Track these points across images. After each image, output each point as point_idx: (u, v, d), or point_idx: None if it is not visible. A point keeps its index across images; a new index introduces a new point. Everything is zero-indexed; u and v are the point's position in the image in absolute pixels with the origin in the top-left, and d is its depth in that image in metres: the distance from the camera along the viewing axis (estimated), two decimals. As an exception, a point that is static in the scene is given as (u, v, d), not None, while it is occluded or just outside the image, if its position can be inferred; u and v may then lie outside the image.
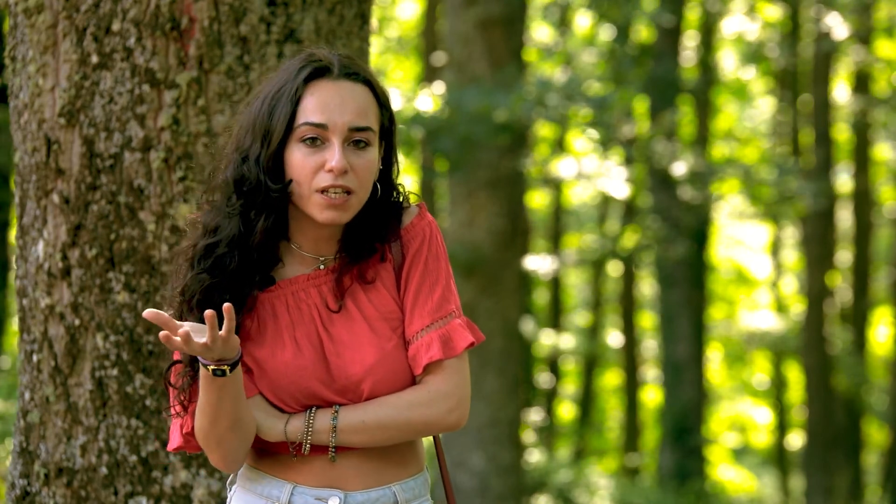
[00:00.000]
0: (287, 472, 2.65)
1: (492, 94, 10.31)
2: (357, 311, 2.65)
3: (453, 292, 2.69)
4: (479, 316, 10.83)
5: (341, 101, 2.61)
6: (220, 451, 2.60)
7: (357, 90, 2.63)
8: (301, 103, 2.60)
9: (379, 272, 2.67)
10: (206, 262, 2.61)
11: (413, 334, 2.64)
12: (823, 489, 17.49)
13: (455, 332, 2.65)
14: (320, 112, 2.59)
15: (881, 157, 21.17)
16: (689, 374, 16.93)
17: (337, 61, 2.64)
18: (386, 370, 2.63)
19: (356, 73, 2.65)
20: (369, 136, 2.62)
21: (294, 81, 2.62)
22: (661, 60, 16.03)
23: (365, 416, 2.60)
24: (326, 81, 2.62)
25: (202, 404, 2.56)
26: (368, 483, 2.65)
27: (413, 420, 2.62)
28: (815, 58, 17.69)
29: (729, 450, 26.11)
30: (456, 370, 2.64)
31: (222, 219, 2.63)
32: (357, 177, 2.59)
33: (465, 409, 2.65)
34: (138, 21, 3.50)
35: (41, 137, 3.57)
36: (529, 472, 14.32)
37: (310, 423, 2.60)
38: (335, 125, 2.59)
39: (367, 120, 2.62)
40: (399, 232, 2.69)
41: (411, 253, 2.67)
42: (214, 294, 2.59)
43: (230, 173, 2.64)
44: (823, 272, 18.12)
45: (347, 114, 2.60)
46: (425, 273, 2.67)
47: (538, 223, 22.09)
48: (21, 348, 3.64)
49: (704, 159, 15.67)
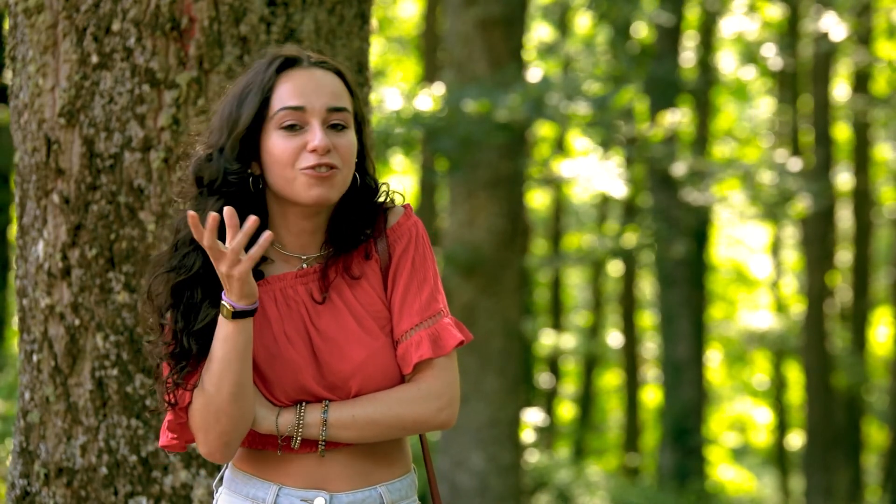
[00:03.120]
0: (272, 473, 2.65)
1: (492, 93, 10.31)
2: (344, 306, 2.65)
3: (441, 292, 2.69)
4: (479, 316, 10.83)
5: (316, 85, 2.62)
6: (216, 429, 2.57)
7: (329, 77, 2.65)
8: (275, 92, 2.61)
9: (365, 270, 2.67)
10: (170, 263, 2.62)
11: (402, 333, 2.64)
12: (823, 489, 17.49)
13: (444, 331, 2.65)
14: (297, 96, 2.60)
15: (881, 157, 21.16)
16: (689, 374, 16.93)
17: (306, 54, 2.67)
18: (374, 368, 2.63)
19: (325, 62, 2.67)
20: (346, 117, 2.63)
21: (265, 73, 2.63)
22: (661, 60, 16.03)
23: (355, 412, 2.60)
24: (299, 70, 2.64)
25: (209, 363, 2.55)
26: (354, 484, 2.65)
27: (403, 417, 2.61)
28: (814, 58, 17.69)
29: (729, 450, 26.11)
30: (446, 368, 2.64)
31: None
32: (340, 156, 2.60)
33: (455, 407, 2.65)
34: (138, 21, 3.50)
35: (41, 137, 3.57)
36: (529, 472, 14.31)
37: (300, 417, 2.60)
38: (313, 107, 2.60)
39: (343, 101, 2.63)
40: (385, 231, 2.69)
41: (398, 252, 2.68)
42: (184, 293, 2.59)
43: (192, 169, 2.64)
44: (823, 272, 18.12)
45: (324, 96, 2.61)
46: (413, 272, 2.67)
47: (538, 223, 22.09)
48: (21, 348, 3.64)
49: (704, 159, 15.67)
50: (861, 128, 19.39)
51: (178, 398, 2.60)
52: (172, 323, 2.59)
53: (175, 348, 2.59)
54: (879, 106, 18.52)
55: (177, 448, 2.69)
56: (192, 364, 2.59)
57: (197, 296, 2.59)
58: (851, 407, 19.89)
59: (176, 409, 2.62)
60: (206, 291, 2.60)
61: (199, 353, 2.59)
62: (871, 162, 20.12)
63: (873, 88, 19.30)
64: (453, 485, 10.84)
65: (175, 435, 2.67)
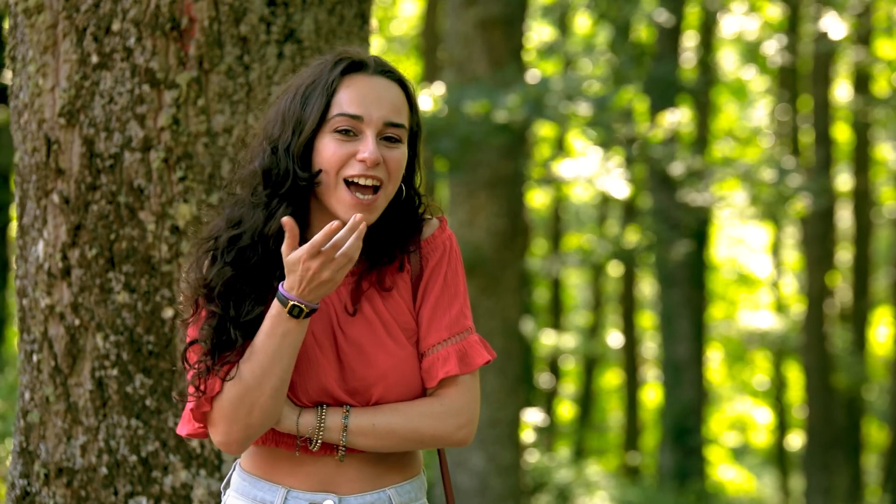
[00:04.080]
0: (281, 475, 2.65)
1: (492, 94, 10.31)
2: (374, 315, 2.63)
3: (468, 307, 2.68)
4: (480, 316, 10.83)
5: (378, 96, 2.61)
6: (245, 421, 2.55)
7: (392, 88, 2.64)
8: (336, 95, 2.60)
9: (396, 281, 2.66)
10: (228, 255, 2.60)
11: (429, 347, 2.63)
12: (823, 489, 17.49)
13: (472, 349, 2.64)
14: (357, 104, 2.59)
15: (881, 157, 21.17)
16: (689, 374, 16.93)
17: (373, 59, 2.65)
18: (398, 377, 2.62)
19: (391, 72, 2.66)
20: (401, 133, 2.61)
21: (330, 74, 2.61)
22: (661, 60, 16.03)
23: (376, 420, 2.59)
24: (363, 76, 2.63)
25: (256, 354, 2.54)
26: (363, 486, 2.64)
27: (422, 431, 2.60)
28: (814, 58, 17.69)
29: (729, 450, 26.11)
30: (469, 387, 2.64)
31: (246, 210, 2.62)
32: (388, 170, 2.59)
33: (474, 427, 2.64)
34: (138, 21, 3.49)
35: (41, 137, 3.57)
36: (529, 472, 14.31)
37: (322, 420, 2.59)
38: (370, 118, 2.58)
39: (401, 117, 2.62)
40: (420, 243, 2.67)
41: (430, 266, 2.66)
42: (237, 285, 2.59)
43: (259, 163, 2.62)
44: (823, 272, 18.12)
45: (383, 108, 2.60)
46: (444, 287, 2.66)
47: (538, 223, 22.09)
48: (21, 348, 3.63)
49: (704, 159, 15.67)
50: (861, 128, 19.39)
51: (207, 386, 2.58)
52: (222, 311, 2.57)
53: (221, 336, 2.58)
54: (879, 106, 18.52)
55: (201, 436, 2.67)
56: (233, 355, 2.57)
57: (248, 289, 2.58)
58: (851, 407, 19.89)
59: (201, 399, 2.59)
60: (255, 287, 2.59)
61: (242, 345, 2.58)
62: (871, 162, 20.12)
63: (873, 88, 19.30)
64: (453, 485, 10.85)
65: (201, 424, 2.65)
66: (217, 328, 2.58)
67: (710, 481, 19.28)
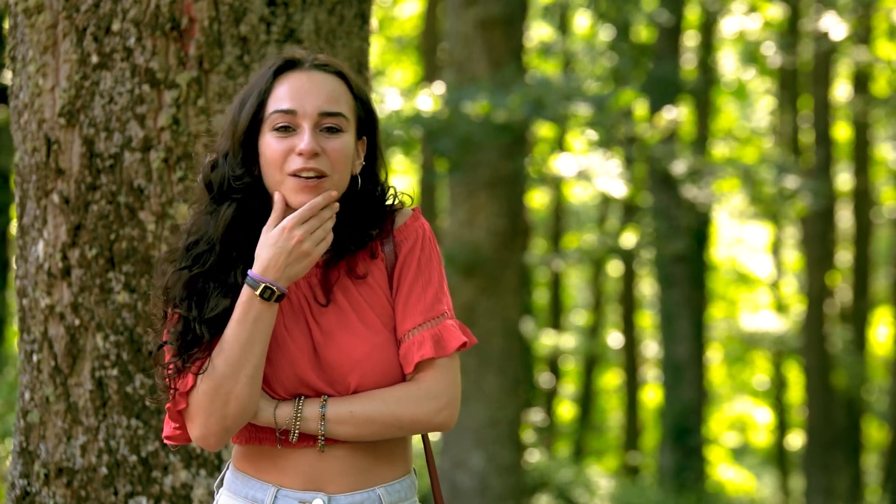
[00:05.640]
0: (271, 473, 2.65)
1: (492, 94, 10.31)
2: (346, 303, 2.65)
3: (446, 294, 2.69)
4: (479, 316, 10.83)
5: (311, 88, 2.63)
6: (221, 412, 2.58)
7: (328, 79, 2.66)
8: (271, 94, 2.63)
9: (371, 269, 2.68)
10: (186, 261, 2.64)
11: (404, 333, 2.64)
12: (823, 489, 17.49)
13: (447, 332, 2.65)
14: (289, 99, 2.62)
15: (881, 157, 21.16)
16: (689, 374, 16.92)
17: (309, 56, 2.68)
18: (374, 364, 2.63)
19: (327, 65, 2.68)
20: (341, 121, 2.63)
21: (264, 76, 2.66)
22: (661, 60, 16.02)
23: (353, 408, 2.60)
24: (296, 72, 2.66)
25: (228, 344, 2.58)
26: (353, 485, 2.65)
27: (401, 416, 2.61)
28: (814, 58, 17.69)
29: (729, 450, 26.11)
30: (447, 370, 2.64)
31: (200, 218, 2.67)
32: (330, 160, 2.61)
33: (455, 409, 2.64)
34: (138, 21, 3.49)
35: (41, 137, 3.57)
36: (529, 472, 14.31)
37: (298, 410, 2.60)
38: (304, 111, 2.61)
39: (338, 106, 2.64)
40: (392, 232, 2.69)
41: (404, 253, 2.68)
42: (197, 285, 2.63)
43: (202, 176, 2.69)
44: (823, 272, 18.12)
45: (318, 99, 2.62)
46: (418, 273, 2.67)
47: (538, 223, 22.08)
48: (21, 348, 3.63)
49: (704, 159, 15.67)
50: (861, 128, 19.39)
51: (180, 384, 2.61)
52: (186, 312, 2.61)
53: (187, 336, 2.61)
54: (879, 106, 18.51)
55: (180, 439, 2.69)
56: (202, 351, 2.61)
57: (210, 287, 2.62)
58: (851, 407, 19.89)
59: (176, 396, 2.62)
60: (217, 284, 2.63)
61: (210, 341, 2.61)
62: (871, 162, 20.12)
63: (873, 88, 19.30)
64: (453, 485, 10.84)
65: (177, 424, 2.67)
66: (184, 329, 2.61)
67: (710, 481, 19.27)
